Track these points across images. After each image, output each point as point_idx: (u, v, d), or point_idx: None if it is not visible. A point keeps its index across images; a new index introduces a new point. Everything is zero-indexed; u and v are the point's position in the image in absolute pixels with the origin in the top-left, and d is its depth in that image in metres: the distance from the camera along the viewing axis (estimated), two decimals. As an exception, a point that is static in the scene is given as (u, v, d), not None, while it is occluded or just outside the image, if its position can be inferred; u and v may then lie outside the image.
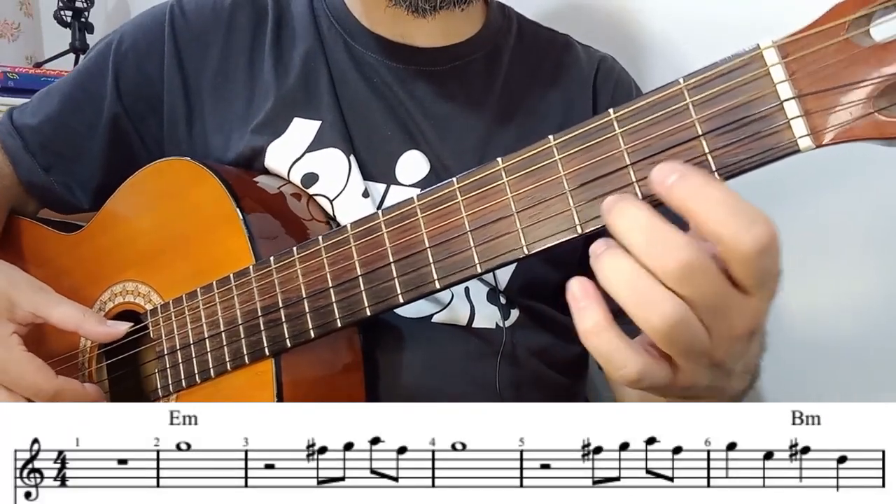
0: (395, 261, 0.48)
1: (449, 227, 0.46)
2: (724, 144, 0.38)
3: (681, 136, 0.38)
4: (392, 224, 0.48)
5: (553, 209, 0.42)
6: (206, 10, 0.72)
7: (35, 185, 0.76)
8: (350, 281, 0.50)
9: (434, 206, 0.46)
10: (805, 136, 0.36)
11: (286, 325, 0.53)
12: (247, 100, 0.69)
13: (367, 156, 0.66)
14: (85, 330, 0.61)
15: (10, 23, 1.80)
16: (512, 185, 0.43)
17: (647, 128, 0.39)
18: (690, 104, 0.38)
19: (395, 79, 0.69)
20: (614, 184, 0.40)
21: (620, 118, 0.40)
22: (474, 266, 0.45)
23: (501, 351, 0.63)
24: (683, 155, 0.38)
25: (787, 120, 0.36)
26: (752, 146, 0.37)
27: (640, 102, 0.39)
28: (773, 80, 0.36)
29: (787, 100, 0.36)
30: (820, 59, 0.35)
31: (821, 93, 0.36)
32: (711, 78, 0.38)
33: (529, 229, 0.43)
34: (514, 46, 0.73)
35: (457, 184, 0.45)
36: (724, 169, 0.38)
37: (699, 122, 0.38)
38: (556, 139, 0.42)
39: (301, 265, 0.52)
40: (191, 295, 0.59)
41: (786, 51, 0.36)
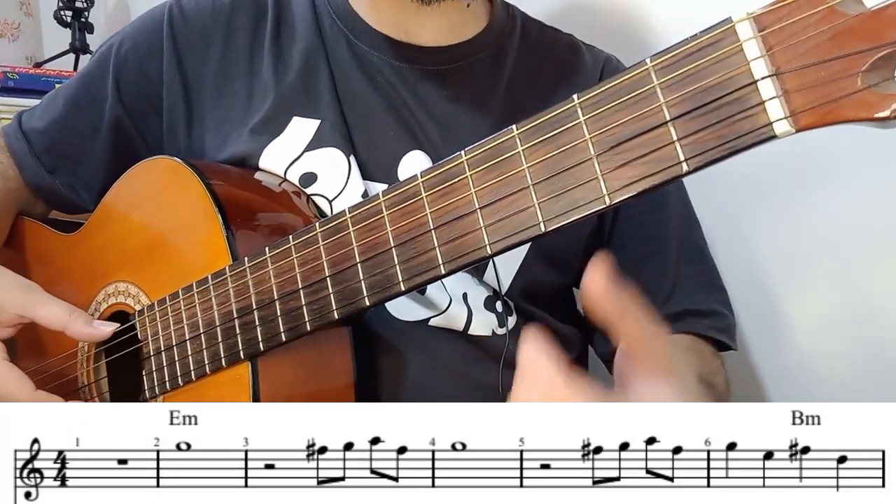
0: (362, 261, 0.46)
1: (413, 225, 0.44)
2: (694, 130, 0.34)
3: (648, 123, 0.35)
4: (358, 222, 0.46)
5: (516, 205, 0.40)
6: (205, 9, 0.72)
7: (41, 188, 0.76)
8: (318, 282, 0.49)
9: (399, 203, 0.44)
10: (782, 120, 0.32)
11: (259, 328, 0.52)
12: (246, 99, 0.69)
13: (368, 156, 0.66)
14: (71, 330, 0.60)
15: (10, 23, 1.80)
16: (475, 179, 0.41)
17: (613, 114, 0.36)
18: (658, 87, 0.35)
19: (398, 78, 0.68)
20: (578, 177, 0.38)
21: (584, 104, 0.37)
22: (438, 267, 0.43)
23: (504, 356, 0.63)
24: (651, 143, 0.35)
25: (763, 101, 0.32)
26: (724, 132, 0.33)
27: (606, 86, 0.37)
28: (747, 57, 0.33)
29: (763, 78, 0.32)
30: (801, 30, 0.31)
31: (801, 69, 0.31)
32: (681, 57, 0.34)
33: (492, 227, 0.41)
34: (518, 46, 0.73)
35: (421, 178, 0.43)
36: (695, 158, 0.34)
37: (667, 106, 0.35)
38: (518, 129, 0.40)
39: (273, 265, 0.51)
40: (173, 296, 0.58)
41: (762, 23, 0.32)
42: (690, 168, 0.35)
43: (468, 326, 0.63)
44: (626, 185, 0.37)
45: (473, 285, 0.64)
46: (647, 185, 0.36)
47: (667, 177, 0.36)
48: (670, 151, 0.35)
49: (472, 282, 0.64)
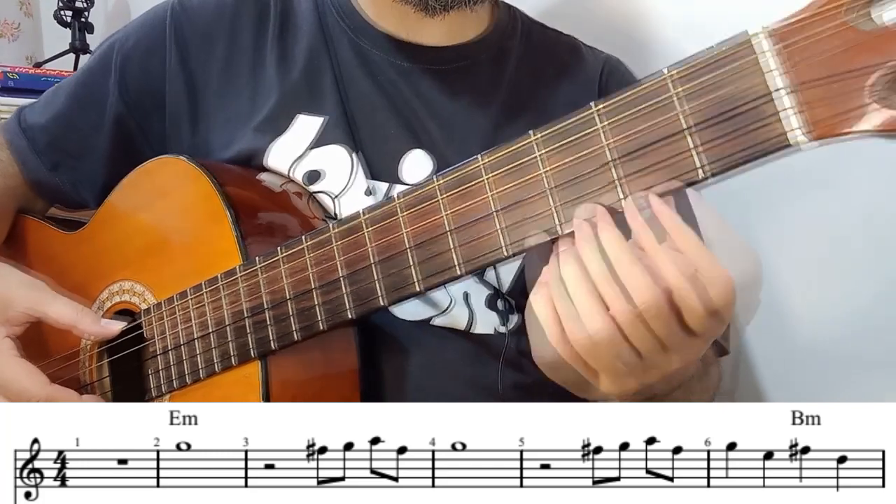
0: (377, 262, 0.46)
1: (430, 226, 0.44)
2: (710, 139, 0.35)
3: (666, 131, 0.36)
4: (374, 223, 0.47)
5: (533, 209, 0.40)
6: (208, 7, 0.71)
7: (42, 184, 0.76)
8: (332, 282, 0.49)
9: (415, 205, 0.45)
10: (797, 130, 0.33)
11: (271, 327, 0.52)
12: (250, 96, 0.69)
13: (371, 154, 0.66)
14: (79, 328, 0.61)
15: (10, 23, 1.80)
16: (492, 183, 0.41)
17: (631, 122, 0.37)
18: (675, 96, 0.36)
19: (400, 77, 0.68)
20: (597, 183, 0.38)
21: (603, 112, 0.38)
22: (455, 268, 0.43)
23: (503, 355, 0.63)
24: (669, 151, 0.36)
25: (777, 112, 0.34)
26: (740, 141, 0.35)
27: (625, 95, 0.37)
28: (763, 70, 0.34)
29: (778, 90, 0.33)
30: (815, 45, 0.33)
31: (815, 82, 0.33)
32: (698, 68, 0.35)
33: (510, 229, 0.41)
34: (520, 47, 0.73)
35: (437, 181, 0.44)
36: (712, 165, 0.35)
37: (685, 115, 0.36)
38: (537, 135, 0.40)
39: (286, 265, 0.51)
40: (181, 295, 0.58)
41: (778, 37, 0.34)
42: (707, 175, 0.36)
43: (471, 325, 0.63)
44: (644, 191, 0.38)
45: (474, 284, 0.64)
46: (665, 191, 0.37)
47: (684, 183, 0.37)
48: (688, 159, 0.36)
49: (473, 281, 0.64)
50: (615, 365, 0.38)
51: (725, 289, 0.35)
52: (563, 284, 0.38)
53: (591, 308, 0.37)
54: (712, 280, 0.35)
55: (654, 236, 0.37)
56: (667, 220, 0.37)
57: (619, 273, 0.36)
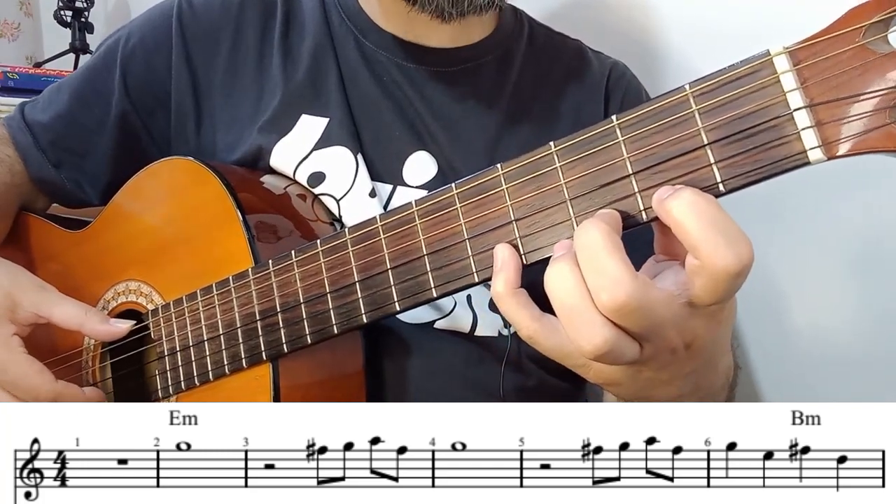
0: (393, 267, 0.47)
1: (447, 234, 0.44)
2: (730, 155, 0.36)
3: (686, 146, 0.37)
4: (390, 230, 0.47)
5: (552, 218, 0.41)
6: (214, 5, 0.71)
7: (45, 182, 0.75)
8: (347, 287, 0.49)
9: (432, 213, 0.45)
10: (816, 148, 0.34)
11: (283, 331, 0.53)
12: (255, 96, 0.68)
13: (374, 155, 0.65)
14: (87, 329, 0.60)
15: (10, 23, 1.80)
16: (511, 192, 0.42)
17: (651, 136, 0.38)
18: (696, 112, 0.37)
19: (405, 78, 0.68)
20: (616, 193, 0.39)
21: (623, 125, 0.39)
22: (472, 275, 0.44)
23: (506, 358, 0.63)
24: (688, 164, 0.37)
25: (798, 131, 0.34)
26: (759, 157, 0.35)
27: (645, 109, 0.38)
28: (783, 88, 0.35)
29: (798, 109, 0.34)
30: (833, 66, 0.34)
31: (833, 102, 0.34)
32: (719, 85, 0.36)
33: (528, 239, 0.41)
34: (525, 50, 0.73)
35: (455, 189, 0.44)
36: (731, 180, 0.36)
37: (705, 130, 0.37)
38: (557, 146, 0.41)
39: (299, 269, 0.52)
40: (190, 296, 0.58)
41: (797, 57, 0.35)
42: (726, 190, 0.36)
43: (474, 328, 0.63)
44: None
45: (478, 287, 0.64)
46: None
47: None
48: (707, 173, 0.37)
49: None
50: (616, 360, 0.37)
51: (746, 250, 0.35)
52: (586, 250, 0.36)
53: (621, 271, 0.35)
54: (728, 243, 0.35)
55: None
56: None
57: (600, 270, 0.35)
